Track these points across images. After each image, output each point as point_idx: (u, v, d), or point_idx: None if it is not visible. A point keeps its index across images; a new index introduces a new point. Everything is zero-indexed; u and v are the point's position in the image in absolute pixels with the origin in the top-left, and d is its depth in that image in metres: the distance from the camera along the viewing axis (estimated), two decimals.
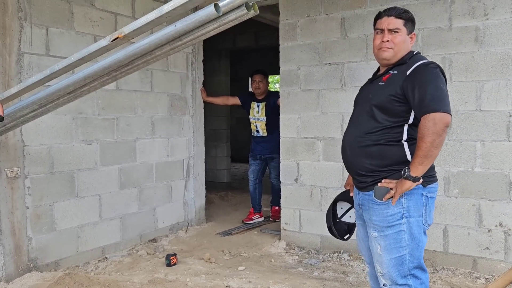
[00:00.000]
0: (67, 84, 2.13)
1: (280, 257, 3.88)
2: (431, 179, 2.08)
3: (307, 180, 4.07)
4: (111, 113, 3.85)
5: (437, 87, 1.95)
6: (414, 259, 2.06)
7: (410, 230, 2.03)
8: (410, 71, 2.02)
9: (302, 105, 4.05)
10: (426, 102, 1.92)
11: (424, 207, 2.05)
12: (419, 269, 2.09)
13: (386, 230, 2.06)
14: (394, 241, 2.05)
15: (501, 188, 3.24)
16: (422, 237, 2.07)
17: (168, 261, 3.55)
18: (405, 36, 2.13)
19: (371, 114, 2.10)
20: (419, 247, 2.06)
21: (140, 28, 1.48)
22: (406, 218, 2.03)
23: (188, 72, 4.71)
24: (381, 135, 2.05)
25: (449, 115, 1.91)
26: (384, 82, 2.11)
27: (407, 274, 2.06)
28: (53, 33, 3.36)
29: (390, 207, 2.03)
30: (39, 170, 3.32)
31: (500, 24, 3.19)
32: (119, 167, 3.94)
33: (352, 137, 2.18)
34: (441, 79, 1.99)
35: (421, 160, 1.90)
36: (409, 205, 2.02)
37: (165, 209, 4.47)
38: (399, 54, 2.12)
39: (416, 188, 2.00)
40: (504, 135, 3.21)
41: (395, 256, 2.05)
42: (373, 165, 2.07)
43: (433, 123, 1.88)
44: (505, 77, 3.19)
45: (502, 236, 3.25)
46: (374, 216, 2.10)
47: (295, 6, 4.03)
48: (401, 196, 2.01)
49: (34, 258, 3.29)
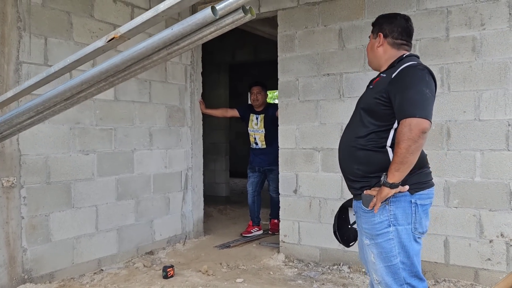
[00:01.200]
0: (64, 89, 2.12)
1: (279, 270, 3.82)
2: (423, 185, 2.03)
3: (306, 192, 4.03)
4: (109, 124, 3.84)
5: (418, 91, 1.89)
6: (407, 267, 2.00)
7: (399, 239, 1.98)
8: (395, 74, 1.99)
9: (300, 116, 4.05)
10: (404, 107, 1.88)
11: (413, 215, 1.99)
12: (415, 278, 2.03)
13: (377, 238, 2.03)
14: (385, 249, 2.01)
15: (501, 198, 3.20)
16: (412, 246, 2.01)
17: (165, 273, 3.49)
18: (372, 41, 2.18)
19: (360, 118, 2.10)
20: (409, 255, 2.00)
21: (136, 27, 1.47)
22: (393, 226, 1.98)
23: (186, 83, 4.72)
24: (368, 140, 2.04)
25: (426, 121, 1.84)
26: (373, 86, 2.13)
27: (403, 282, 2.01)
28: (52, 43, 3.37)
29: (377, 215, 2.00)
30: (36, 180, 3.29)
31: (497, 34, 3.21)
32: (116, 178, 3.91)
33: (344, 141, 2.19)
34: (426, 82, 1.92)
35: (397, 166, 1.87)
36: (396, 213, 1.98)
37: (163, 221, 4.42)
38: (373, 58, 2.19)
39: (404, 195, 1.97)
40: (504, 144, 3.20)
41: (388, 265, 2.01)
42: (361, 170, 2.06)
43: (409, 129, 1.83)
44: (503, 86, 3.19)
45: (504, 246, 3.21)
46: (364, 224, 2.09)
47: (293, 17, 4.06)
48: (387, 204, 1.98)
49: (29, 270, 3.24)
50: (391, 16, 2.19)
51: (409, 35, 2.17)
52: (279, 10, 4.13)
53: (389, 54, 2.13)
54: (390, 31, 2.13)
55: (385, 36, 2.14)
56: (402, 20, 2.16)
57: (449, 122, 3.37)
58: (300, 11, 4.02)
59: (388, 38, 2.13)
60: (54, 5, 3.38)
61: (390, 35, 2.13)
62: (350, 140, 2.13)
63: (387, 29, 2.13)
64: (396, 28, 2.13)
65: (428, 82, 1.93)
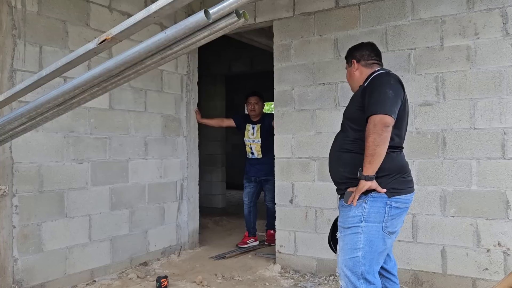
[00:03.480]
0: (57, 94, 2.10)
1: (274, 281, 3.77)
2: (400, 191, 2.22)
3: (302, 201, 4.00)
4: (104, 132, 3.81)
5: (381, 92, 2.16)
6: (367, 262, 2.15)
7: (367, 234, 2.15)
8: (366, 83, 2.31)
9: (296, 125, 4.04)
10: (369, 107, 2.15)
11: (386, 215, 2.17)
12: (371, 275, 2.17)
13: (346, 231, 2.22)
14: (350, 242, 2.18)
15: (498, 206, 3.18)
16: (379, 243, 2.17)
17: (159, 283, 3.43)
18: (348, 70, 2.52)
19: (344, 126, 2.37)
20: (373, 251, 2.16)
21: (128, 29, 1.46)
22: (365, 222, 2.16)
23: (182, 93, 4.71)
24: (353, 144, 2.25)
25: (387, 116, 2.08)
26: (353, 97, 2.42)
27: (360, 277, 2.16)
28: (47, 51, 3.36)
29: (352, 210, 2.19)
30: (28, 189, 3.25)
31: (491, 43, 3.23)
32: (110, 187, 3.87)
33: (332, 149, 2.43)
34: (390, 84, 2.19)
35: (369, 158, 2.09)
36: (370, 211, 2.16)
37: (157, 231, 4.37)
38: (352, 83, 2.49)
39: (381, 196, 2.16)
40: (499, 152, 3.19)
41: (350, 257, 2.17)
42: (347, 172, 2.24)
43: (373, 125, 2.08)
44: (498, 94, 3.20)
45: (501, 256, 3.18)
46: (340, 217, 2.29)
47: (288, 27, 4.08)
48: (364, 202, 2.16)
49: (20, 280, 3.18)
50: (358, 45, 2.55)
51: (377, 54, 2.48)
52: (275, 20, 4.16)
53: (364, 73, 2.41)
54: (360, 55, 2.45)
55: (358, 61, 2.44)
56: (367, 45, 2.51)
57: (445, 130, 3.37)
58: (296, 21, 4.04)
59: (361, 61, 2.44)
60: (50, 13, 3.38)
61: (361, 58, 2.44)
62: (338, 146, 2.38)
63: (357, 55, 2.45)
64: (364, 51, 2.45)
65: (392, 85, 2.20)
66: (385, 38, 3.61)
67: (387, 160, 2.17)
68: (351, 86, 2.53)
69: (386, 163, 2.16)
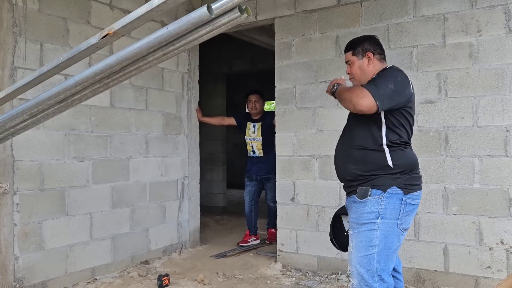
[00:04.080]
0: (58, 91, 2.09)
1: (276, 279, 3.76)
2: (414, 187, 2.19)
3: (303, 200, 3.99)
4: (105, 130, 3.80)
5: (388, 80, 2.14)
6: (382, 259, 2.11)
7: (383, 231, 2.11)
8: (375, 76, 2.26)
9: (297, 123, 4.02)
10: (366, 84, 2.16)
11: (401, 212, 2.14)
12: (386, 273, 2.13)
13: (361, 227, 2.15)
14: (365, 239, 2.13)
15: (501, 204, 3.17)
16: (394, 239, 2.14)
17: (160, 282, 3.42)
18: (358, 63, 2.35)
19: (354, 123, 2.30)
20: (388, 247, 2.12)
21: (130, 23, 1.45)
22: (381, 218, 2.12)
23: (183, 91, 4.70)
24: (363, 140, 2.21)
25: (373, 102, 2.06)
26: None
27: (375, 275, 2.11)
28: (48, 49, 3.35)
29: (367, 206, 2.14)
30: (29, 187, 3.24)
31: (494, 40, 3.21)
32: (111, 185, 3.86)
33: (340, 146, 2.37)
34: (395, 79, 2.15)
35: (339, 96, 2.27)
36: (387, 207, 2.12)
37: (158, 230, 4.36)
38: (364, 78, 2.32)
39: (397, 193, 2.13)
40: (502, 150, 3.17)
41: (364, 255, 2.12)
42: (357, 169, 2.20)
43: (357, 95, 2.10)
44: (500, 92, 3.18)
45: (504, 254, 3.17)
46: (353, 214, 2.22)
47: (290, 25, 4.06)
48: (380, 198, 2.13)
49: (21, 278, 3.17)
50: (367, 37, 2.41)
51: (383, 50, 2.41)
52: (276, 18, 4.14)
53: (376, 67, 2.33)
54: (374, 48, 2.35)
55: (373, 54, 2.33)
56: (375, 38, 2.41)
57: (447, 128, 3.36)
58: (297, 19, 4.02)
59: (375, 55, 2.34)
60: (51, 11, 3.37)
61: (375, 52, 2.34)
62: (347, 144, 2.31)
63: (371, 48, 2.34)
64: (376, 45, 2.37)
65: (398, 81, 2.16)
66: (387, 35, 3.60)
67: (403, 157, 2.17)
68: (360, 80, 2.32)
69: (401, 159, 2.16)
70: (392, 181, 2.13)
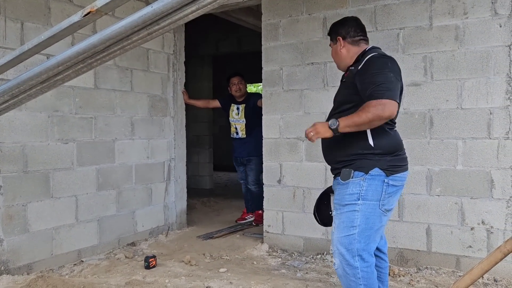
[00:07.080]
0: (40, 71, 2.04)
1: (262, 260, 3.80)
2: (397, 169, 2.20)
3: (290, 181, 4.01)
4: (89, 112, 3.75)
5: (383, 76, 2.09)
6: (362, 240, 2.14)
7: (364, 212, 2.14)
8: (361, 66, 2.21)
9: (284, 106, 4.02)
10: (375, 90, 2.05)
11: (383, 193, 2.16)
12: (367, 252, 2.16)
13: (342, 209, 2.20)
14: (347, 219, 2.17)
15: (483, 185, 3.23)
16: (375, 220, 2.17)
17: (147, 263, 3.43)
18: (334, 48, 2.42)
19: (340, 106, 2.31)
20: (369, 228, 2.16)
21: (113, 1, 1.42)
22: (362, 200, 2.15)
23: (169, 73, 4.64)
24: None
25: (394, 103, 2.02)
26: (345, 79, 2.37)
27: (355, 254, 2.15)
28: (29, 28, 3.26)
29: (349, 187, 2.17)
30: (12, 169, 3.19)
31: (480, 22, 3.22)
32: (96, 167, 3.83)
33: None
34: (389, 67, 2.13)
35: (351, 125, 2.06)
36: (368, 189, 2.15)
37: (145, 212, 4.35)
38: (340, 62, 2.40)
39: (379, 174, 2.15)
40: (485, 132, 3.22)
41: (345, 235, 2.16)
42: (342, 151, 2.23)
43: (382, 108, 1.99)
44: (485, 75, 3.21)
45: (485, 234, 3.24)
46: (336, 195, 2.27)
47: (277, 6, 4.02)
48: (362, 179, 2.15)
49: (5, 261, 3.15)
50: (342, 20, 2.44)
51: (362, 30, 2.40)
52: None
53: (352, 51, 2.34)
54: (346, 32, 2.36)
55: (344, 38, 2.35)
56: (352, 20, 2.42)
57: (432, 110, 3.39)
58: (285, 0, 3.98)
59: (347, 38, 2.35)
60: None
61: (347, 35, 2.35)
62: None
63: (343, 31, 2.36)
64: (350, 27, 2.36)
65: (391, 67, 2.14)
66: (374, 17, 3.58)
67: (385, 138, 2.17)
68: (338, 64, 2.44)
69: (384, 141, 2.17)
70: (374, 163, 2.15)
